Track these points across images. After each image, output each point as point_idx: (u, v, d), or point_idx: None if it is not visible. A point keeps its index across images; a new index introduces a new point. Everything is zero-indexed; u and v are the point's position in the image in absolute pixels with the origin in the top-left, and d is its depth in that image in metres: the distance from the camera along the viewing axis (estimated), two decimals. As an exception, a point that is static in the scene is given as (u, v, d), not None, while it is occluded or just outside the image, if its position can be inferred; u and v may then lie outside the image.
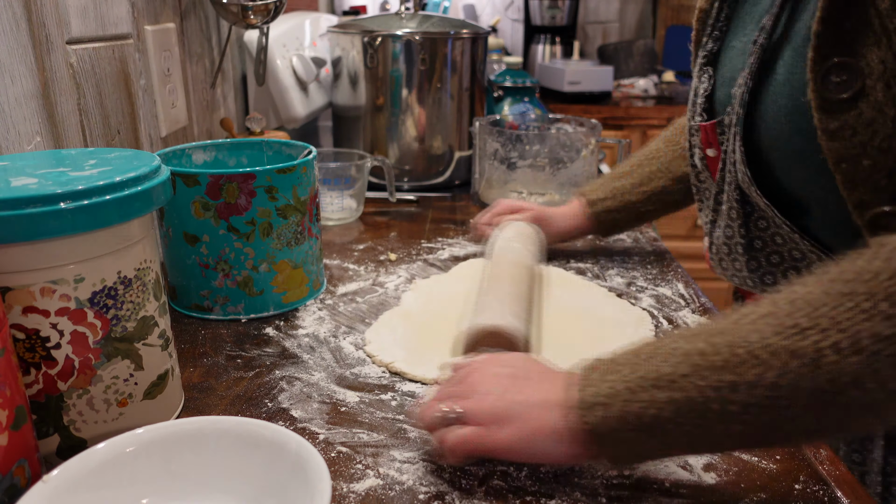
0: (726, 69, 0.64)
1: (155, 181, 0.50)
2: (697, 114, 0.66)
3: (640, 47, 2.61)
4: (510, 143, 1.07)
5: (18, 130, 0.62)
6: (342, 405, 0.58)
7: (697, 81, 0.67)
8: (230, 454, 0.45)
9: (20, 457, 0.42)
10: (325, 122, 1.59)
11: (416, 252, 0.94)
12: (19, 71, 0.62)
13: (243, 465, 0.45)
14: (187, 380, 0.62)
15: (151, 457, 0.44)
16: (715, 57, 0.66)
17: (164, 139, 0.91)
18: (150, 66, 0.87)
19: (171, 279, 0.74)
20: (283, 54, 1.22)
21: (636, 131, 2.23)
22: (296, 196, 0.71)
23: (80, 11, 0.71)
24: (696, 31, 0.70)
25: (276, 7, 1.02)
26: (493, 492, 0.48)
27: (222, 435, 0.45)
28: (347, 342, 0.68)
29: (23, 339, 0.46)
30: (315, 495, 0.39)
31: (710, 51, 0.66)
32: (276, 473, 0.44)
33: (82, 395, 0.49)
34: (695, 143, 0.68)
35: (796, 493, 0.48)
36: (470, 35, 1.19)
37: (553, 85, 2.35)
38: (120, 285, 0.49)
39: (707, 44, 0.67)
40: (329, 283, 0.82)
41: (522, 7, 2.57)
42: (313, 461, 0.42)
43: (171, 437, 0.45)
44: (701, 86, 0.66)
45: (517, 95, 1.46)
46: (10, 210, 0.42)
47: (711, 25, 0.67)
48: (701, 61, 0.67)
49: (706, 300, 0.79)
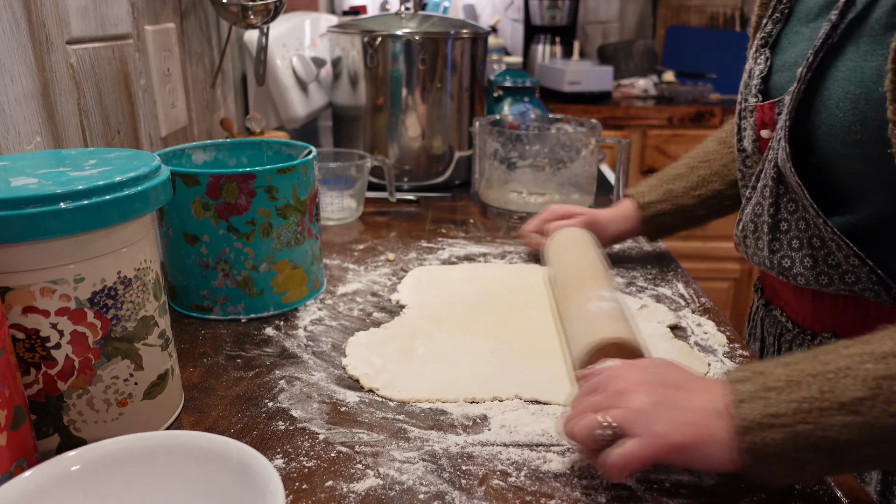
0: (788, 54, 0.63)
1: (155, 181, 0.50)
2: (752, 95, 0.65)
3: (640, 47, 2.61)
4: (510, 143, 1.07)
5: (18, 130, 0.62)
6: (342, 405, 0.58)
7: (753, 63, 0.66)
8: (167, 472, 0.42)
9: (19, 457, 0.42)
10: (325, 122, 1.59)
11: (416, 252, 0.94)
12: (19, 71, 0.62)
13: (182, 482, 0.42)
14: (187, 380, 0.62)
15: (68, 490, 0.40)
16: (775, 40, 0.66)
17: (164, 139, 0.91)
18: (150, 66, 0.87)
19: (171, 279, 0.74)
20: (283, 54, 1.22)
21: (636, 131, 2.23)
22: (296, 196, 0.71)
23: (80, 11, 0.71)
24: (758, 16, 0.69)
25: (276, 7, 1.02)
26: (493, 492, 0.48)
27: (153, 452, 0.42)
28: (347, 342, 0.68)
29: (23, 339, 0.46)
30: (267, 496, 0.38)
31: (770, 33, 0.66)
32: (219, 485, 0.41)
33: (82, 395, 0.49)
34: (746, 126, 0.67)
35: (796, 493, 0.48)
36: (470, 35, 1.19)
37: (553, 85, 2.35)
38: (120, 285, 0.49)
39: (767, 26, 0.66)
40: (329, 283, 0.82)
41: (522, 7, 2.57)
42: (257, 464, 0.40)
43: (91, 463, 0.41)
44: (757, 67, 0.65)
45: (517, 95, 1.45)
46: (10, 210, 0.42)
47: (773, 7, 0.66)
48: (759, 42, 0.66)
49: (706, 300, 0.79)
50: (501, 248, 0.95)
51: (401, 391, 0.60)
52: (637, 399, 0.46)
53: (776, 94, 0.64)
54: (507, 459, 0.51)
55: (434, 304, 0.76)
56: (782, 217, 0.62)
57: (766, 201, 0.62)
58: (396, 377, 0.62)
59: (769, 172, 0.62)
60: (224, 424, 0.55)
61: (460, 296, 0.78)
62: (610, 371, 0.50)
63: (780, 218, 0.62)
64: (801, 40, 0.62)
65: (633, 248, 0.96)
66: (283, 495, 0.37)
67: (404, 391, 0.60)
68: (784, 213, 0.62)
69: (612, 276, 0.82)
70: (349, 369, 0.63)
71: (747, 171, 0.70)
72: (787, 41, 0.64)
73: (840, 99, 0.54)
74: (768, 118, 0.63)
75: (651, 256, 0.93)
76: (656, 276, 0.86)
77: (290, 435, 0.54)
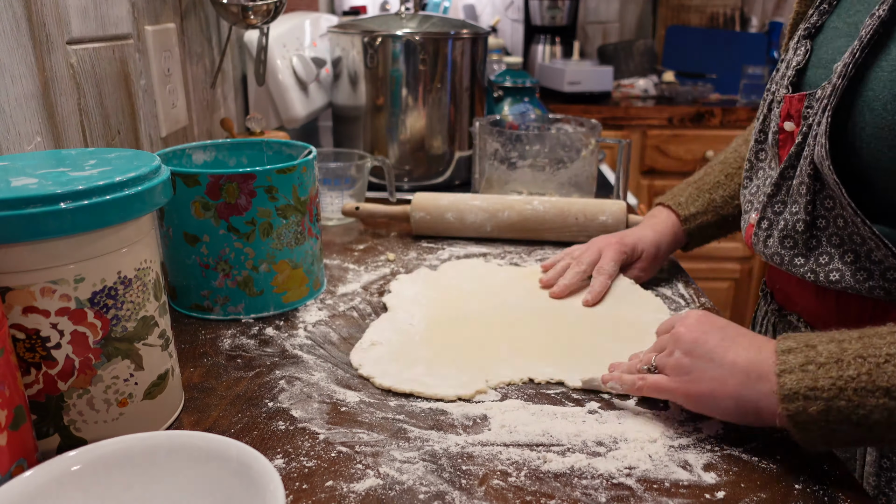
0: (825, 49, 0.62)
1: (155, 181, 0.50)
2: (784, 86, 0.64)
3: (640, 47, 2.61)
4: (510, 143, 1.07)
5: (19, 130, 0.62)
6: (342, 405, 0.58)
7: (792, 54, 0.66)
8: (167, 472, 0.42)
9: (19, 457, 0.42)
10: (325, 122, 1.59)
11: (416, 252, 0.94)
12: (20, 71, 0.62)
13: (182, 482, 0.42)
14: (187, 380, 0.62)
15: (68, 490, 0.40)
16: (816, 32, 0.65)
17: (165, 139, 0.91)
18: (151, 66, 0.87)
19: (172, 279, 0.74)
20: (284, 54, 1.22)
21: (636, 131, 2.23)
22: (296, 196, 0.71)
23: (80, 11, 0.71)
24: (797, 13, 0.68)
25: (276, 7, 1.02)
26: (493, 492, 0.48)
27: (153, 452, 0.42)
28: (347, 343, 0.68)
29: (23, 339, 0.46)
30: (267, 496, 0.38)
31: (814, 24, 0.65)
32: (220, 485, 0.41)
33: (82, 395, 0.49)
34: (771, 117, 0.66)
35: (796, 493, 0.48)
36: (470, 35, 1.19)
37: (553, 85, 2.35)
38: (120, 285, 0.49)
39: (812, 16, 0.65)
40: (329, 283, 0.82)
41: (522, 7, 2.57)
42: (257, 464, 0.40)
43: (91, 463, 0.41)
44: (795, 58, 0.65)
45: (517, 95, 1.45)
46: (10, 210, 0.42)
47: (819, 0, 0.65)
48: (802, 34, 0.65)
49: (706, 300, 0.79)
50: (501, 248, 0.95)
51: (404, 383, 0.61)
52: (692, 346, 0.54)
53: (807, 89, 0.63)
54: (507, 459, 0.51)
55: (427, 302, 0.76)
56: (819, 214, 0.60)
57: (803, 199, 0.60)
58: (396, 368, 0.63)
59: (805, 170, 0.60)
60: (224, 424, 0.55)
61: (456, 294, 0.78)
62: (685, 317, 0.57)
63: (818, 215, 0.61)
64: (839, 35, 0.61)
65: (633, 248, 0.96)
66: (283, 495, 0.38)
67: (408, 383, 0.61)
68: (821, 210, 0.60)
69: None
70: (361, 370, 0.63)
71: (757, 163, 0.69)
72: (825, 37, 0.63)
73: (888, 101, 0.53)
74: (794, 110, 0.62)
75: (651, 256, 0.93)
76: (656, 275, 0.86)
77: (291, 435, 0.54)
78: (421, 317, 0.73)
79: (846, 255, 0.59)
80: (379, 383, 0.61)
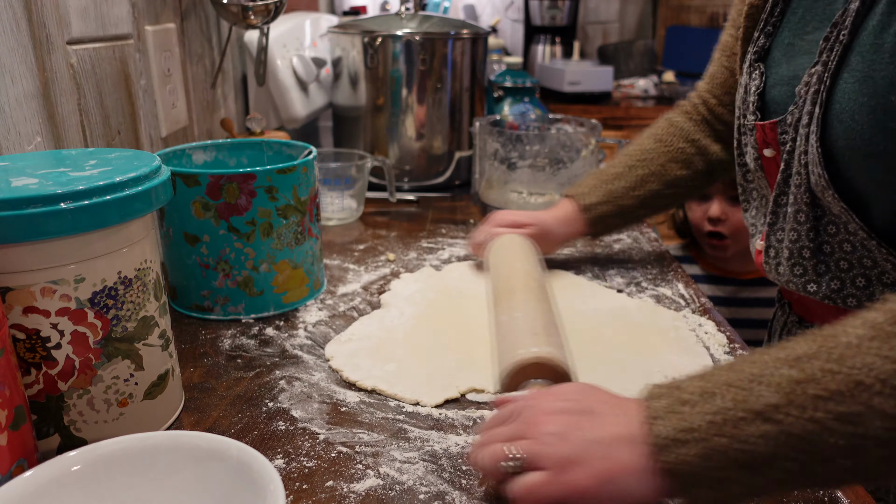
0: (783, 67, 0.62)
1: (155, 181, 0.50)
2: (751, 112, 0.64)
3: (640, 47, 2.61)
4: (510, 143, 1.07)
5: (19, 130, 0.62)
6: (342, 405, 0.58)
7: (748, 79, 0.65)
8: (167, 472, 0.42)
9: (20, 457, 0.42)
10: (325, 122, 1.59)
11: (416, 252, 0.94)
12: (20, 71, 0.62)
13: (183, 482, 0.42)
14: (187, 380, 0.62)
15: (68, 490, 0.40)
16: (766, 53, 0.65)
17: (165, 139, 0.91)
18: (151, 66, 0.87)
19: (172, 279, 0.74)
20: (284, 54, 1.22)
21: (636, 131, 2.23)
22: (296, 196, 0.71)
23: (80, 12, 0.71)
24: (745, 28, 0.68)
25: (277, 7, 1.02)
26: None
27: (153, 452, 0.42)
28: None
29: (23, 339, 0.46)
30: (267, 497, 0.38)
31: (762, 47, 0.65)
32: (220, 485, 0.41)
33: (83, 395, 0.49)
34: (747, 143, 0.66)
35: (796, 493, 0.48)
36: (470, 35, 1.19)
37: (553, 85, 2.35)
38: (120, 285, 0.49)
39: (759, 39, 0.65)
40: (329, 283, 0.82)
41: (522, 7, 2.57)
42: (257, 465, 0.40)
43: (92, 463, 0.41)
44: (752, 83, 0.64)
45: (517, 95, 1.46)
46: (10, 210, 0.42)
47: (764, 21, 0.65)
48: (752, 58, 0.65)
49: (706, 300, 0.79)
50: (501, 249, 0.95)
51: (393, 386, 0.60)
52: (547, 429, 0.43)
53: (774, 109, 0.63)
54: None
55: (422, 302, 0.76)
56: (823, 240, 0.60)
57: (803, 227, 0.60)
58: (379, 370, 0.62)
59: (801, 198, 0.59)
60: (224, 424, 0.55)
61: (454, 295, 0.78)
62: (525, 399, 0.48)
63: (822, 241, 0.60)
64: (798, 53, 0.61)
65: (633, 248, 0.96)
66: (284, 495, 0.37)
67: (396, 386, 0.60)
68: (824, 237, 0.59)
69: (547, 282, 0.76)
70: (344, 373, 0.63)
71: (749, 185, 0.69)
72: (779, 53, 0.63)
73: (855, 111, 0.53)
74: (770, 138, 0.62)
75: (651, 256, 0.93)
76: (656, 276, 0.86)
77: (291, 435, 0.54)
78: (410, 315, 0.73)
79: (857, 280, 0.58)
80: (346, 377, 0.61)
